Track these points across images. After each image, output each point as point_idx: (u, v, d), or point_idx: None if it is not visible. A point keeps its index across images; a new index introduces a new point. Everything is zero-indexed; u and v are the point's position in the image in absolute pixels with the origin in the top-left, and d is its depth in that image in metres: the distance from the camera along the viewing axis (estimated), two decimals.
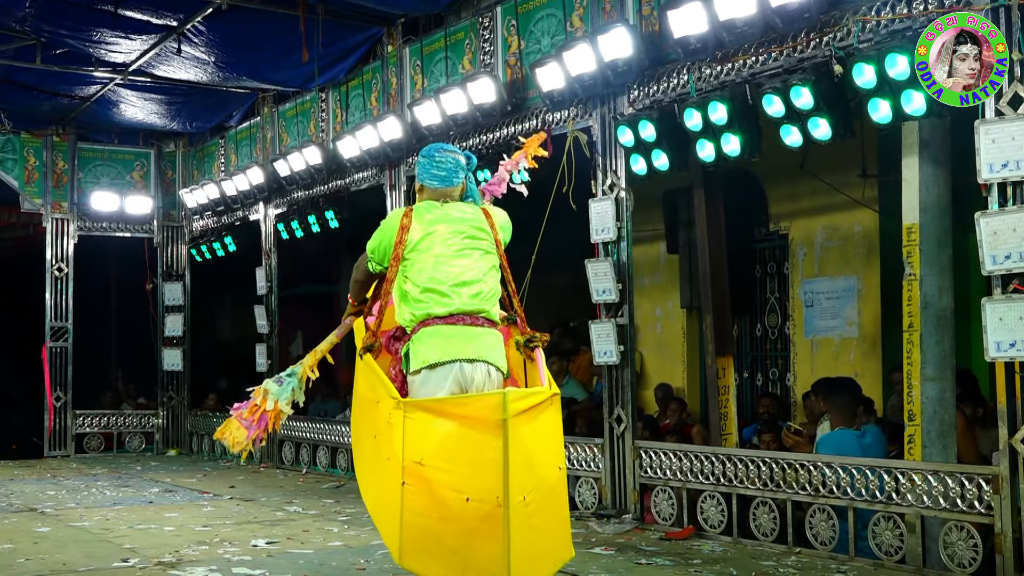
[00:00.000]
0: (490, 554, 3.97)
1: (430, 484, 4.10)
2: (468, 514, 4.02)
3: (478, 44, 9.12)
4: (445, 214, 4.61)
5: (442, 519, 4.09)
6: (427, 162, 4.72)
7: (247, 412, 4.78)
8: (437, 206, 4.65)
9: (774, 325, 9.97)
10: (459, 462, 4.09)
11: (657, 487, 7.40)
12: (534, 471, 4.14)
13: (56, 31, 10.29)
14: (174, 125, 13.55)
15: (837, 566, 6.03)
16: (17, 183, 13.61)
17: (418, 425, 4.17)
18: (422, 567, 4.22)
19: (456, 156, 4.74)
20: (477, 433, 4.04)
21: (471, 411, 4.11)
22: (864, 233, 9.07)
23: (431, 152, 4.75)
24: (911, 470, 5.87)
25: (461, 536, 4.07)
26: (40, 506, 8.73)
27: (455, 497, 4.05)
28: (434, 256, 4.50)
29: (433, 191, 4.71)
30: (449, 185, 4.70)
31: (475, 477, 4.03)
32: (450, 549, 4.10)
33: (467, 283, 4.50)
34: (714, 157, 7.17)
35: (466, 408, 4.15)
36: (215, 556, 6.34)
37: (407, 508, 4.14)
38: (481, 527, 3.99)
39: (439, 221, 4.58)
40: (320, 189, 11.39)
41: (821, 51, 6.33)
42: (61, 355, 13.66)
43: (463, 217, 4.64)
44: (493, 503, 3.95)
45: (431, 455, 4.12)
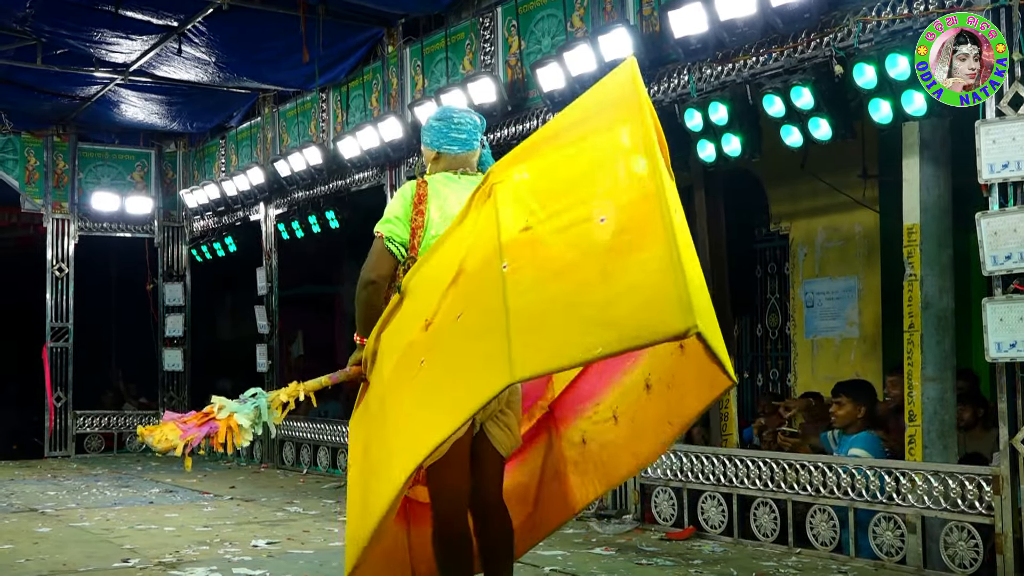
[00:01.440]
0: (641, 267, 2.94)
1: (544, 242, 3.23)
2: (606, 237, 3.09)
3: (479, 44, 9.12)
4: (462, 189, 3.97)
5: (568, 269, 3.13)
6: (443, 125, 4.14)
7: (190, 418, 3.89)
8: (454, 178, 4.08)
9: (775, 325, 9.97)
10: (582, 181, 3.29)
11: (657, 487, 7.40)
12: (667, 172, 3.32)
13: (57, 31, 10.30)
14: (175, 125, 13.56)
15: (838, 566, 6.03)
16: (18, 183, 13.62)
17: (513, 183, 3.48)
18: (546, 354, 3.09)
19: (473, 116, 4.20)
20: (601, 124, 3.30)
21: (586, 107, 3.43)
22: (865, 233, 9.07)
23: (448, 114, 4.20)
24: (911, 470, 5.87)
25: (597, 274, 3.04)
26: (40, 506, 8.73)
27: (583, 230, 3.15)
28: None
29: (452, 158, 4.12)
30: (469, 149, 4.13)
31: (608, 183, 3.19)
32: (582, 303, 3.04)
33: None
34: (714, 157, 7.17)
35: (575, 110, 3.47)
36: (215, 556, 6.34)
37: (514, 294, 3.15)
38: (628, 241, 3.03)
39: (455, 198, 3.96)
40: (321, 189, 11.39)
41: (822, 51, 6.33)
42: (62, 355, 13.67)
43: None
44: (640, 198, 3.05)
45: (539, 206, 3.32)
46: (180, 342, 14.34)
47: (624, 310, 2.92)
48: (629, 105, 3.25)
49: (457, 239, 3.63)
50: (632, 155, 3.17)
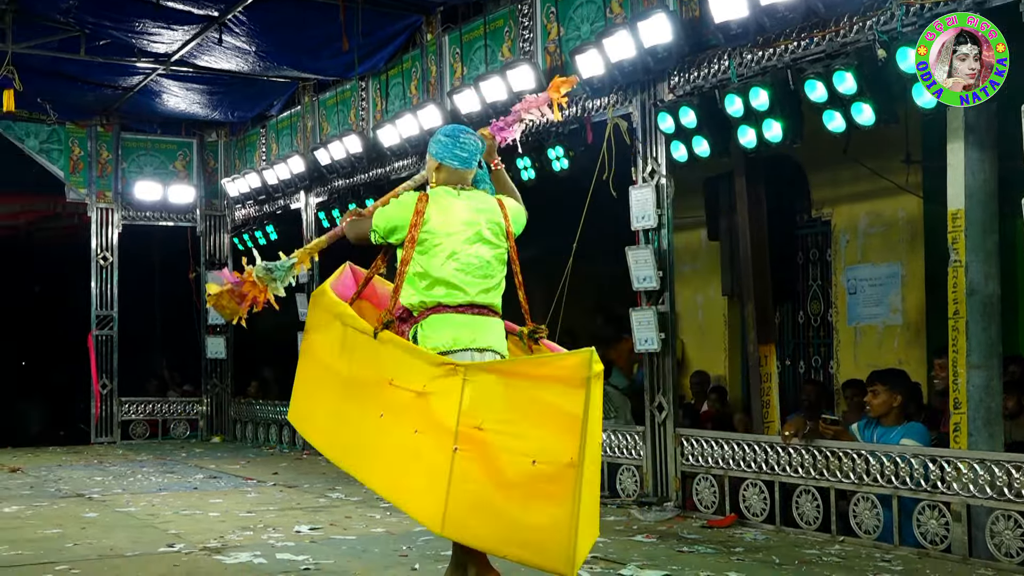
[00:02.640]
0: (552, 518, 3.82)
1: (489, 448, 4.00)
2: (532, 478, 3.88)
3: (517, 31, 9.11)
4: (462, 204, 4.62)
5: (499, 484, 3.95)
6: (450, 142, 4.69)
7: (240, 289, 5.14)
8: (454, 194, 4.64)
9: (816, 312, 9.90)
10: (529, 424, 3.95)
11: (699, 475, 7.38)
12: (596, 437, 4.00)
13: (99, 22, 10.39)
14: (216, 115, 13.66)
15: (881, 555, 5.99)
16: (63, 173, 13.78)
17: (481, 388, 4.09)
18: (468, 535, 4.12)
19: (476, 140, 4.73)
20: (555, 392, 3.91)
21: (551, 370, 4.00)
22: (908, 219, 8.98)
23: (455, 132, 4.74)
24: (956, 458, 5.82)
25: (518, 501, 3.91)
26: (87, 492, 8.84)
27: (518, 461, 3.92)
28: (450, 247, 4.51)
29: (452, 172, 4.68)
30: (468, 167, 4.70)
31: (546, 439, 3.88)
32: (503, 516, 3.96)
33: (479, 277, 4.55)
34: (755, 143, 7.12)
35: (545, 368, 4.05)
36: (259, 542, 6.40)
37: (457, 475, 4.03)
38: (545, 490, 3.84)
39: (456, 210, 4.58)
40: (361, 177, 11.42)
41: (864, 35, 6.26)
42: (107, 343, 13.83)
43: (481, 207, 4.65)
44: (564, 464, 3.80)
45: (494, 419, 4.02)
46: (223, 330, 14.45)
47: (531, 540, 3.89)
48: (576, 392, 3.85)
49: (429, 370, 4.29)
50: (569, 426, 3.82)
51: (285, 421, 12.59)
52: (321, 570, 5.56)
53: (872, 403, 6.76)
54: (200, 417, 14.39)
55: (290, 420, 5.23)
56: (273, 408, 13.07)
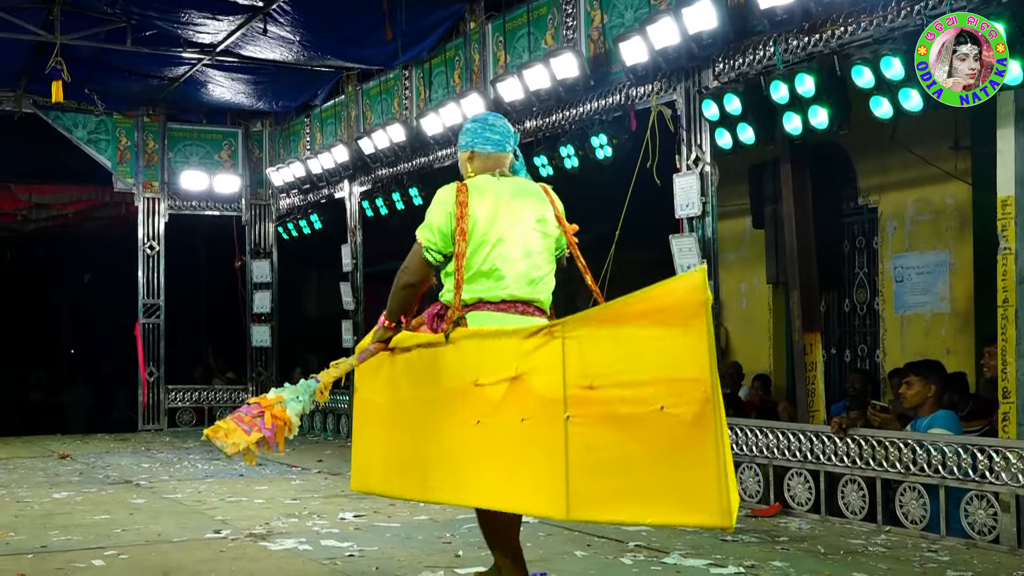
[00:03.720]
0: (694, 465, 3.34)
1: (606, 406, 3.54)
2: (662, 426, 3.40)
3: (560, 19, 9.07)
4: (505, 189, 4.24)
5: (625, 443, 3.49)
6: (479, 127, 4.37)
7: (247, 416, 4.16)
8: (494, 181, 4.26)
9: (863, 301, 9.81)
10: (646, 368, 3.48)
11: (743, 464, 7.34)
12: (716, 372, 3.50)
13: (145, 13, 10.48)
14: (260, 104, 13.74)
15: (928, 545, 5.93)
16: (110, 163, 13.93)
17: (584, 344, 3.65)
18: (599, 510, 3.61)
19: (506, 123, 4.42)
20: (670, 324, 3.45)
21: (660, 301, 3.52)
22: (956, 206, 8.87)
23: (482, 117, 4.45)
24: (1005, 448, 5.75)
25: (650, 456, 3.44)
26: (135, 478, 8.95)
27: (643, 411, 3.44)
28: (494, 236, 4.13)
29: (486, 158, 4.32)
30: (503, 151, 4.33)
31: (670, 379, 3.42)
32: (635, 477, 3.47)
33: (524, 268, 4.16)
34: (801, 130, 7.06)
35: (651, 301, 3.55)
36: (304, 528, 6.44)
37: (575, 446, 3.56)
38: (681, 435, 3.37)
39: (499, 198, 4.19)
40: (404, 166, 11.45)
41: (912, 20, 6.17)
42: (154, 331, 13.97)
43: (524, 192, 4.28)
44: (699, 400, 3.34)
45: (607, 372, 3.57)
46: (268, 318, 14.56)
47: (676, 496, 3.40)
48: (697, 313, 3.43)
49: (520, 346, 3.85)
50: (696, 361, 3.39)
51: (330, 409, 12.67)
52: (365, 557, 5.59)
53: (906, 394, 6.72)
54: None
55: (356, 490, 4.79)
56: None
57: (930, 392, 6.65)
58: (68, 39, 10.86)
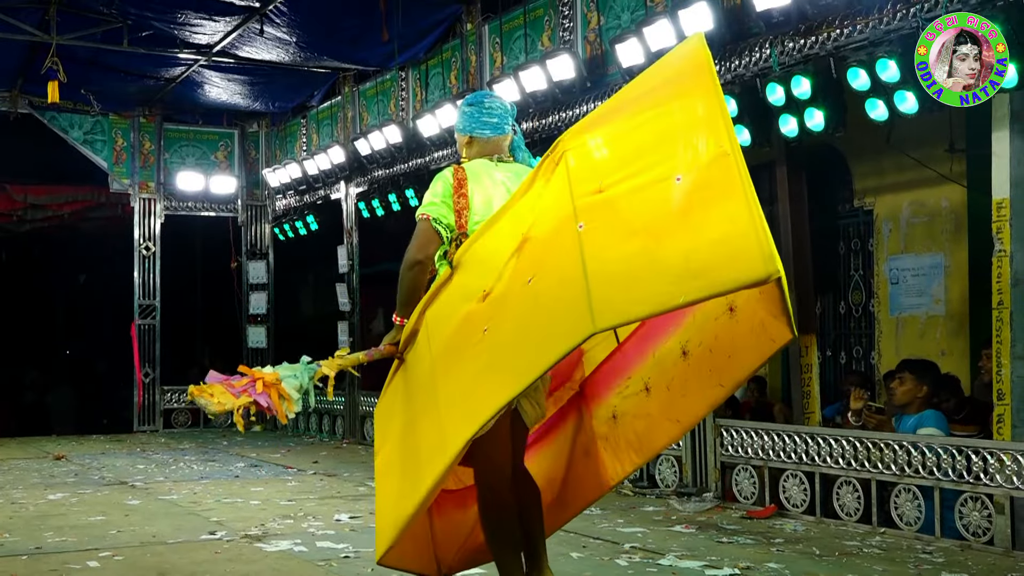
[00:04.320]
0: (723, 218, 3.02)
1: (621, 199, 3.27)
2: (682, 196, 3.14)
3: (557, 20, 9.08)
4: (502, 178, 4.11)
5: (645, 227, 3.17)
6: (475, 110, 4.23)
7: (238, 382, 3.95)
8: (491, 165, 4.15)
9: (858, 303, 9.81)
10: (655, 148, 3.29)
11: (738, 465, 7.35)
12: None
13: (142, 13, 10.49)
14: (257, 105, 13.74)
15: (923, 546, 5.94)
16: (106, 164, 13.92)
17: (585, 149, 3.49)
18: (632, 306, 3.17)
19: (503, 102, 4.30)
20: (675, 94, 3.31)
21: (659, 76, 3.41)
22: (952, 209, 8.88)
23: (479, 99, 4.29)
24: (1000, 450, 5.75)
25: (674, 231, 3.10)
26: (131, 479, 8.94)
27: (660, 189, 3.18)
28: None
29: (485, 142, 4.20)
30: (501, 133, 4.21)
31: (681, 147, 3.21)
32: (662, 257, 3.10)
33: None
34: (797, 132, 7.07)
35: (647, 80, 3.45)
36: (299, 530, 6.44)
37: (591, 255, 3.19)
38: (703, 197, 3.10)
39: (495, 185, 4.07)
40: (400, 168, 11.44)
41: (908, 22, 6.18)
42: (149, 332, 13.97)
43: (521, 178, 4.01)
44: (716, 156, 3.11)
45: (612, 169, 3.36)
46: (264, 319, 14.56)
47: (708, 260, 3.00)
48: (701, 74, 3.26)
49: (519, 211, 3.68)
50: (707, 120, 3.21)
51: (326, 411, 12.67)
52: (361, 558, 5.59)
53: (897, 390, 6.75)
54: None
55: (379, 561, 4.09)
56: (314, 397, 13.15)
57: (921, 392, 6.68)
58: (64, 39, 10.86)
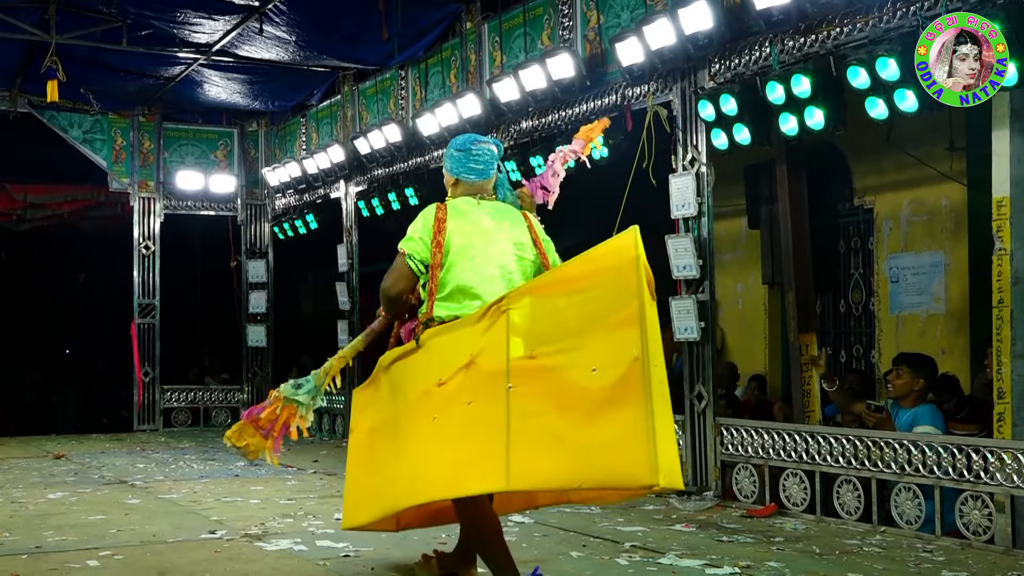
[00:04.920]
0: (623, 424, 3.45)
1: (545, 373, 3.71)
2: (595, 388, 3.55)
3: (557, 19, 9.08)
4: (483, 214, 4.48)
5: (562, 408, 3.63)
6: (463, 156, 4.57)
7: (263, 417, 4.57)
8: (474, 203, 4.52)
9: (858, 301, 9.81)
10: (581, 333, 3.68)
11: (739, 464, 7.35)
12: (655, 330, 3.65)
13: (141, 12, 10.48)
14: (256, 104, 13.73)
15: (923, 545, 5.94)
16: (105, 163, 13.91)
17: (525, 315, 3.86)
18: (538, 477, 3.74)
19: (490, 147, 4.60)
20: (602, 284, 3.67)
21: (593, 262, 3.76)
22: (952, 207, 8.88)
23: (467, 145, 4.60)
24: (1000, 448, 5.75)
25: (584, 420, 3.57)
26: (130, 479, 8.94)
27: (578, 375, 3.62)
28: (470, 258, 4.36)
29: (470, 185, 4.57)
30: (486, 178, 4.58)
31: (603, 341, 3.59)
32: (571, 442, 3.59)
33: (500, 288, 4.30)
34: (797, 131, 7.06)
35: (586, 264, 3.80)
36: (299, 529, 6.44)
37: (516, 415, 3.71)
38: (611, 396, 3.51)
39: (476, 221, 4.44)
40: (400, 167, 11.44)
41: (908, 21, 6.18)
42: (149, 331, 13.96)
43: (502, 217, 4.52)
44: (628, 361, 3.48)
45: (545, 340, 3.77)
46: (263, 318, 14.55)
47: (605, 457, 3.50)
48: (628, 273, 3.62)
49: (474, 331, 4.07)
50: (627, 322, 3.55)
51: (326, 409, 12.66)
52: (361, 557, 5.59)
53: (894, 383, 6.79)
54: (241, 405, 14.47)
55: (345, 528, 5.03)
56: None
57: (917, 385, 6.72)
58: (63, 38, 10.85)
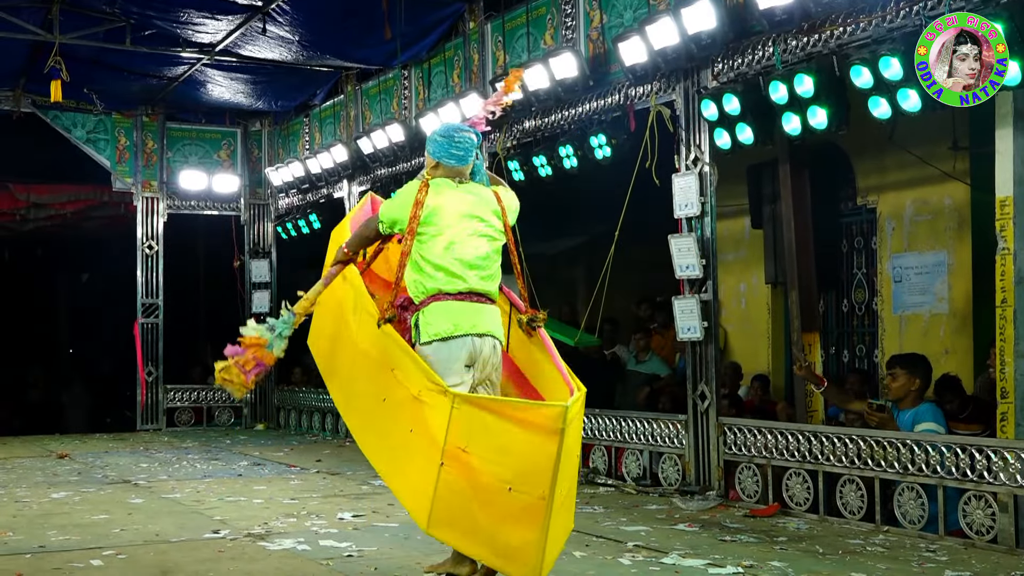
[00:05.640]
0: (524, 539, 4.16)
1: (471, 470, 4.28)
2: (508, 502, 4.19)
3: (560, 19, 9.08)
4: (461, 196, 4.82)
5: (479, 502, 4.27)
6: (446, 142, 4.87)
7: (243, 359, 5.12)
8: (452, 185, 4.85)
9: (861, 301, 9.80)
10: (508, 457, 4.23)
11: (742, 464, 7.35)
12: (572, 468, 4.42)
13: (145, 12, 10.48)
14: (259, 104, 13.73)
15: (926, 545, 5.94)
16: (109, 163, 13.92)
17: (467, 418, 4.32)
18: (451, 538, 4.50)
19: (471, 136, 4.91)
20: (532, 436, 4.16)
21: (531, 417, 4.23)
22: (955, 206, 8.87)
23: (450, 132, 4.92)
24: (1003, 448, 5.75)
25: (496, 518, 4.24)
26: (134, 478, 8.95)
27: (497, 486, 4.22)
28: (448, 236, 4.71)
29: (449, 169, 4.88)
30: (464, 164, 4.89)
31: (522, 472, 4.17)
32: (482, 528, 4.29)
33: (476, 266, 4.74)
34: (800, 130, 7.06)
35: (525, 414, 4.28)
36: (303, 528, 6.45)
37: (443, 486, 4.34)
38: (519, 515, 4.16)
39: (455, 202, 4.78)
40: (403, 166, 11.44)
41: (911, 20, 6.18)
42: (152, 331, 13.97)
43: (478, 199, 4.86)
44: (537, 496, 4.10)
45: (477, 445, 4.28)
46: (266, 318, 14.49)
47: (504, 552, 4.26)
48: (551, 435, 4.10)
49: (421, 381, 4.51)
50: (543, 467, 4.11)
51: (328, 409, 12.66)
52: (364, 557, 5.59)
53: (891, 386, 6.78)
54: (244, 405, 14.47)
55: (308, 344, 5.57)
56: (316, 396, 13.13)
57: (914, 385, 6.72)
58: (67, 38, 10.86)
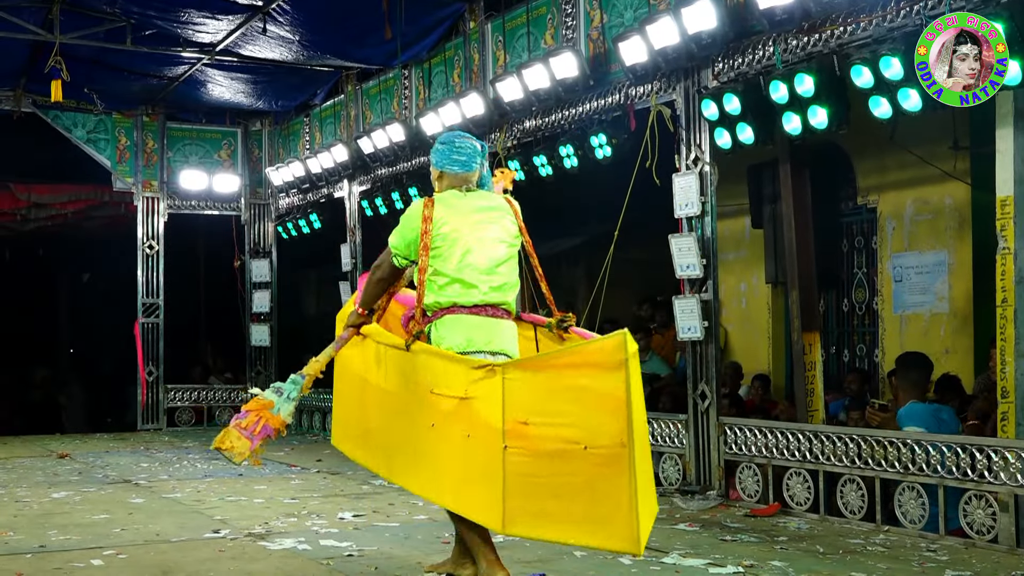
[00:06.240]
0: (611, 499, 3.89)
1: (539, 442, 4.06)
2: (586, 464, 3.94)
3: (560, 19, 9.08)
4: (470, 203, 4.69)
5: (553, 474, 4.02)
6: (447, 148, 4.79)
7: (246, 422, 4.74)
8: (460, 195, 4.72)
9: (861, 300, 9.81)
10: (574, 412, 4.00)
11: (742, 464, 7.35)
12: (641, 414, 4.08)
13: (145, 12, 10.48)
14: (260, 104, 13.73)
15: (927, 545, 5.94)
16: (109, 163, 13.92)
17: (521, 385, 4.14)
18: (532, 529, 4.18)
19: (473, 143, 4.81)
20: (595, 378, 3.95)
21: (589, 357, 4.03)
22: (955, 206, 8.87)
23: (450, 139, 4.83)
24: (1004, 448, 5.75)
25: (574, 488, 3.99)
26: (134, 478, 8.95)
27: (570, 449, 3.97)
28: (464, 244, 4.58)
29: (454, 177, 4.76)
30: (469, 170, 4.76)
31: (593, 425, 3.94)
32: (562, 504, 4.03)
33: (492, 272, 4.60)
34: (800, 130, 7.06)
35: (580, 355, 4.09)
36: (303, 528, 6.45)
37: (511, 472, 4.09)
38: (600, 473, 3.91)
39: (465, 212, 4.65)
40: (403, 166, 11.44)
41: (911, 20, 6.17)
42: (153, 331, 13.97)
43: (489, 206, 4.73)
44: (616, 445, 3.87)
45: (539, 411, 4.08)
46: (267, 318, 14.55)
47: (594, 523, 3.95)
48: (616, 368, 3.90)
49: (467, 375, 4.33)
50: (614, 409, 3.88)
51: (329, 408, 12.65)
52: (364, 556, 5.59)
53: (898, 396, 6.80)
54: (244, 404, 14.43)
55: (335, 446, 5.32)
56: (317, 396, 13.12)
57: (913, 385, 6.71)
58: (67, 38, 10.86)
